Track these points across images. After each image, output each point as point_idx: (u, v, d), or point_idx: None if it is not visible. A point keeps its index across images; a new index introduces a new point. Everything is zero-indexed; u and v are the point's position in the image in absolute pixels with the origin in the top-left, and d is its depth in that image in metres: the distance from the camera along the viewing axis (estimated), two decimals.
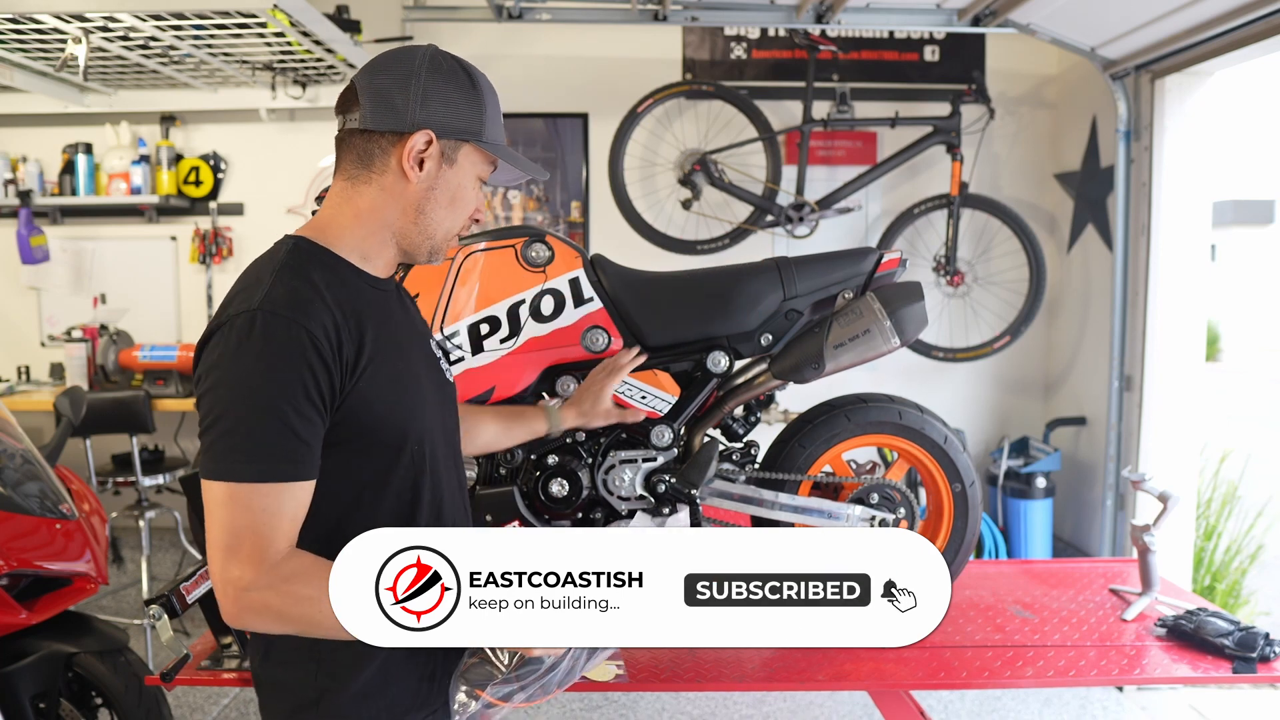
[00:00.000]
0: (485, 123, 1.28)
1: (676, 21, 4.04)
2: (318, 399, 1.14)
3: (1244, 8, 3.15)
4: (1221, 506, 4.47)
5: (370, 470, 1.24)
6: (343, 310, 1.19)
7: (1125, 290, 4.03)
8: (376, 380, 1.21)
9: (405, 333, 1.34)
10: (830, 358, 2.02)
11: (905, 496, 2.20)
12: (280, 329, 1.12)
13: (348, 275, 1.26)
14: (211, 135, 5.00)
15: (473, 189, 1.30)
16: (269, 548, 1.10)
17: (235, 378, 1.12)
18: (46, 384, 4.85)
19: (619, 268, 2.15)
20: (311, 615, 1.08)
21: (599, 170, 4.76)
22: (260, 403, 1.11)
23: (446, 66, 1.26)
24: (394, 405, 1.24)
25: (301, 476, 1.14)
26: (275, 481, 1.11)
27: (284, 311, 1.14)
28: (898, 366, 4.49)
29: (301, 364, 1.12)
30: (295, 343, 1.12)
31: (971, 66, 4.81)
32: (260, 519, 1.10)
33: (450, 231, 1.31)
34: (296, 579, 1.10)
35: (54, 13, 3.32)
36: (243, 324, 1.13)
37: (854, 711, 3.37)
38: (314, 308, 1.16)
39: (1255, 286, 20.03)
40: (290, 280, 1.18)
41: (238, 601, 1.10)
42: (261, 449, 1.11)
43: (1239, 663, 1.95)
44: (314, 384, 1.13)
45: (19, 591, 2.25)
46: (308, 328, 1.14)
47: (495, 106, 1.30)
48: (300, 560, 1.12)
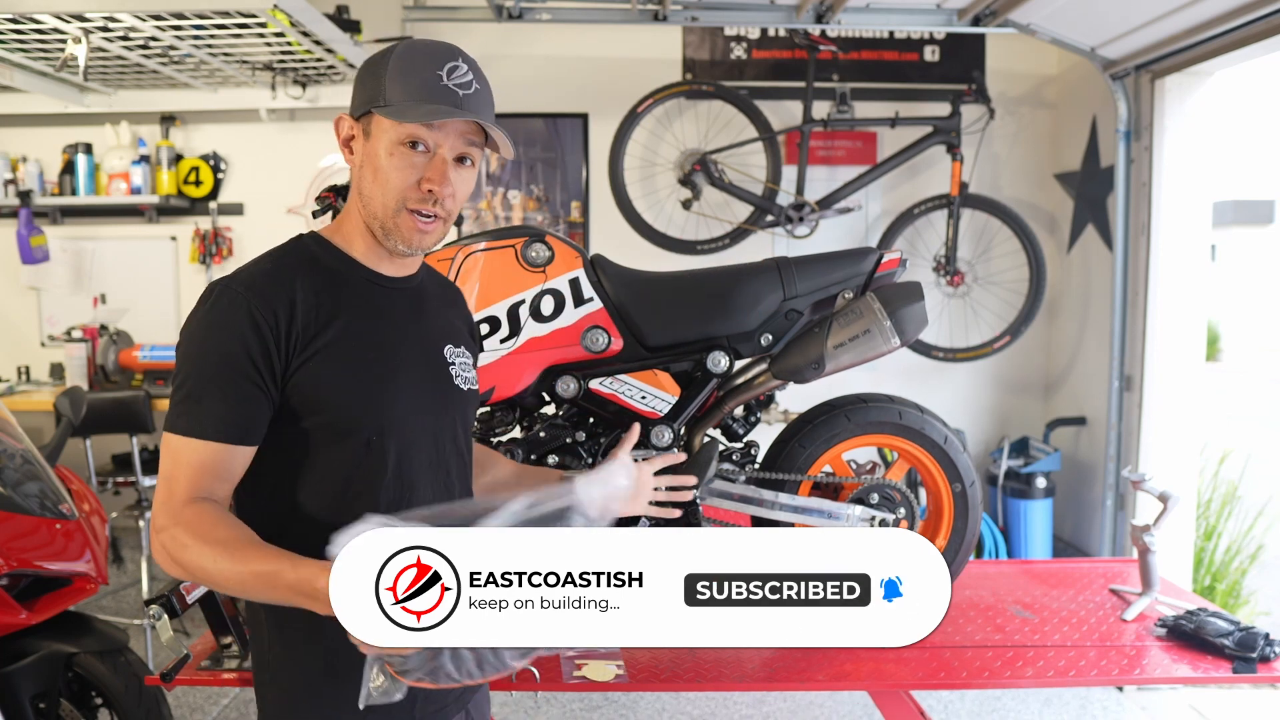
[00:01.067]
0: (385, 87, 1.26)
1: (676, 21, 4.04)
2: (254, 368, 1.20)
3: (1244, 8, 3.15)
4: (1221, 506, 4.47)
5: (316, 453, 1.27)
6: (311, 295, 1.26)
7: (1125, 290, 4.03)
8: (330, 362, 1.25)
9: (400, 331, 1.35)
10: (830, 358, 2.02)
11: (905, 496, 2.20)
12: (226, 301, 1.22)
13: (339, 267, 1.31)
14: (211, 135, 5.00)
15: (394, 156, 1.27)
16: (173, 495, 1.18)
17: (189, 342, 1.23)
18: (46, 384, 4.85)
19: (619, 268, 2.15)
20: (192, 562, 1.15)
21: (599, 170, 4.76)
22: (202, 365, 1.21)
23: (377, 56, 1.31)
24: (346, 391, 1.26)
25: (227, 438, 1.20)
26: (201, 438, 1.19)
27: (237, 287, 1.23)
28: (898, 366, 4.49)
29: (242, 333, 1.20)
30: (238, 314, 1.21)
31: (971, 66, 4.81)
32: (182, 470, 1.19)
33: (388, 205, 1.28)
34: (190, 527, 1.15)
35: (54, 13, 3.32)
36: (204, 295, 1.25)
37: (854, 711, 3.37)
38: (267, 287, 1.24)
39: (1255, 286, 20.03)
40: (264, 264, 1.28)
41: (154, 541, 1.19)
42: (186, 405, 1.20)
43: (1239, 663, 1.95)
44: (251, 353, 1.20)
45: (19, 591, 2.25)
46: (251, 302, 1.21)
47: (410, 68, 1.26)
48: (200, 510, 1.17)
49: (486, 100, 1.31)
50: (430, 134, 1.26)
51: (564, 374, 2.10)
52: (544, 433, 2.13)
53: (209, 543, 1.14)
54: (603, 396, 2.10)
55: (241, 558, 1.13)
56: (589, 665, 1.97)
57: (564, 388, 2.10)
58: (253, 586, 1.12)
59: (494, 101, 1.35)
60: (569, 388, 2.09)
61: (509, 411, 2.14)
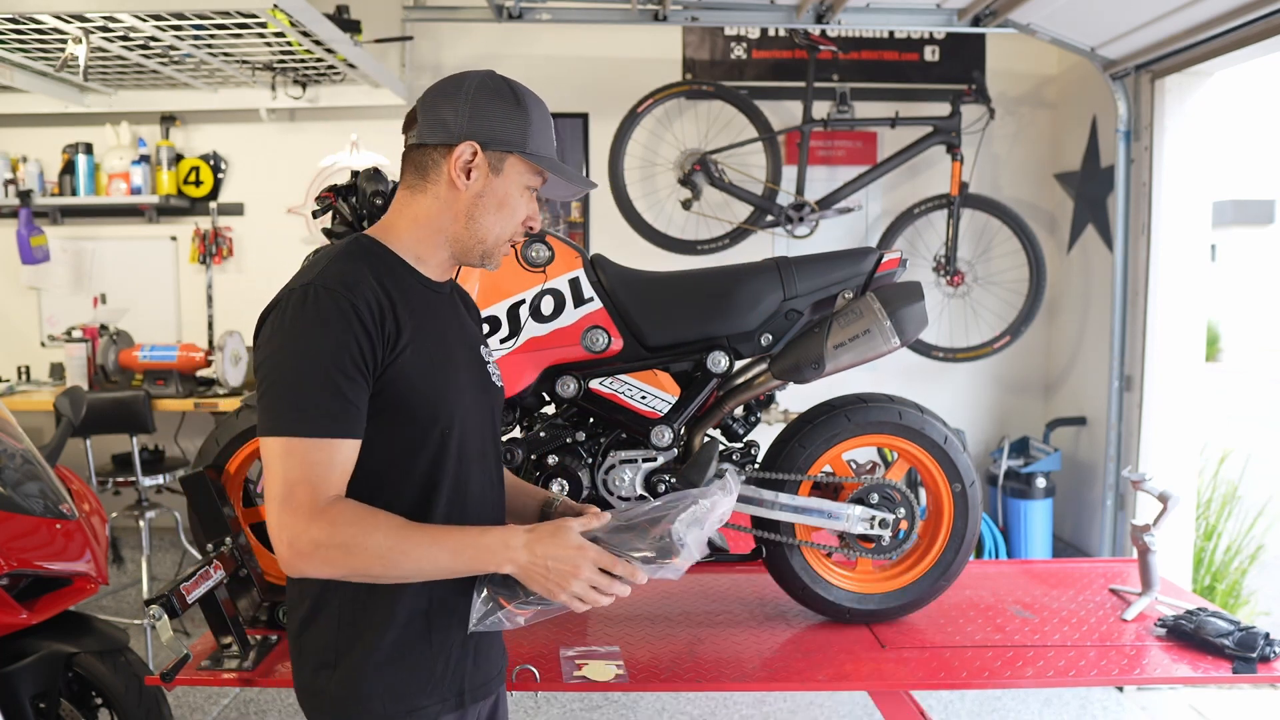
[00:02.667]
0: (530, 136, 1.38)
1: (676, 21, 4.04)
2: (362, 364, 1.26)
3: (1244, 8, 3.15)
4: (1221, 506, 4.47)
5: (400, 445, 1.33)
6: (388, 294, 1.32)
7: (1125, 290, 4.04)
8: (414, 360, 1.32)
9: (453, 330, 1.44)
10: (830, 358, 2.03)
11: (905, 496, 2.20)
12: (329, 301, 1.26)
13: (400, 270, 1.38)
14: (211, 135, 5.00)
15: (520, 197, 1.40)
16: (319, 497, 1.22)
17: (290, 343, 1.26)
18: (46, 384, 4.85)
19: (619, 268, 2.15)
20: (360, 545, 1.21)
21: (599, 170, 4.76)
22: (311, 365, 1.24)
23: (494, 86, 1.38)
24: (428, 386, 1.34)
25: (348, 434, 1.26)
26: (325, 437, 1.23)
27: (334, 286, 1.27)
28: (898, 366, 4.49)
29: (347, 331, 1.25)
30: (342, 313, 1.25)
31: (971, 66, 4.81)
32: (313, 472, 1.22)
33: (501, 236, 1.40)
34: (342, 519, 1.22)
35: (54, 13, 3.32)
36: (297, 298, 1.27)
37: (854, 711, 3.37)
38: (361, 286, 1.29)
39: (1255, 286, 20.03)
40: (343, 264, 1.33)
41: (292, 547, 1.21)
42: (313, 407, 1.23)
43: (1239, 663, 1.95)
44: (358, 350, 1.26)
45: (19, 591, 2.25)
46: (353, 300, 1.26)
47: (543, 122, 1.40)
48: (345, 504, 1.24)
49: None
50: (541, 184, 1.42)
51: (564, 374, 2.10)
52: (544, 433, 2.13)
53: (383, 526, 1.23)
54: (603, 396, 2.10)
55: (429, 533, 1.26)
56: (589, 665, 1.97)
57: (564, 388, 2.10)
58: (444, 561, 1.25)
59: None
60: (569, 388, 2.09)
61: (509, 411, 2.15)
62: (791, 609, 2.31)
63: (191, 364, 4.45)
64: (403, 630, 1.34)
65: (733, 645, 2.11)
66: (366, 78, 4.45)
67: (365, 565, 1.23)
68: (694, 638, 2.16)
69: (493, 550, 1.26)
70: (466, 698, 1.40)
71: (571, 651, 2.04)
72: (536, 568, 1.26)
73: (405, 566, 1.24)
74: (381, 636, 1.33)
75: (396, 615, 1.33)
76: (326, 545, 1.21)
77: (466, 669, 1.40)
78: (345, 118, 4.82)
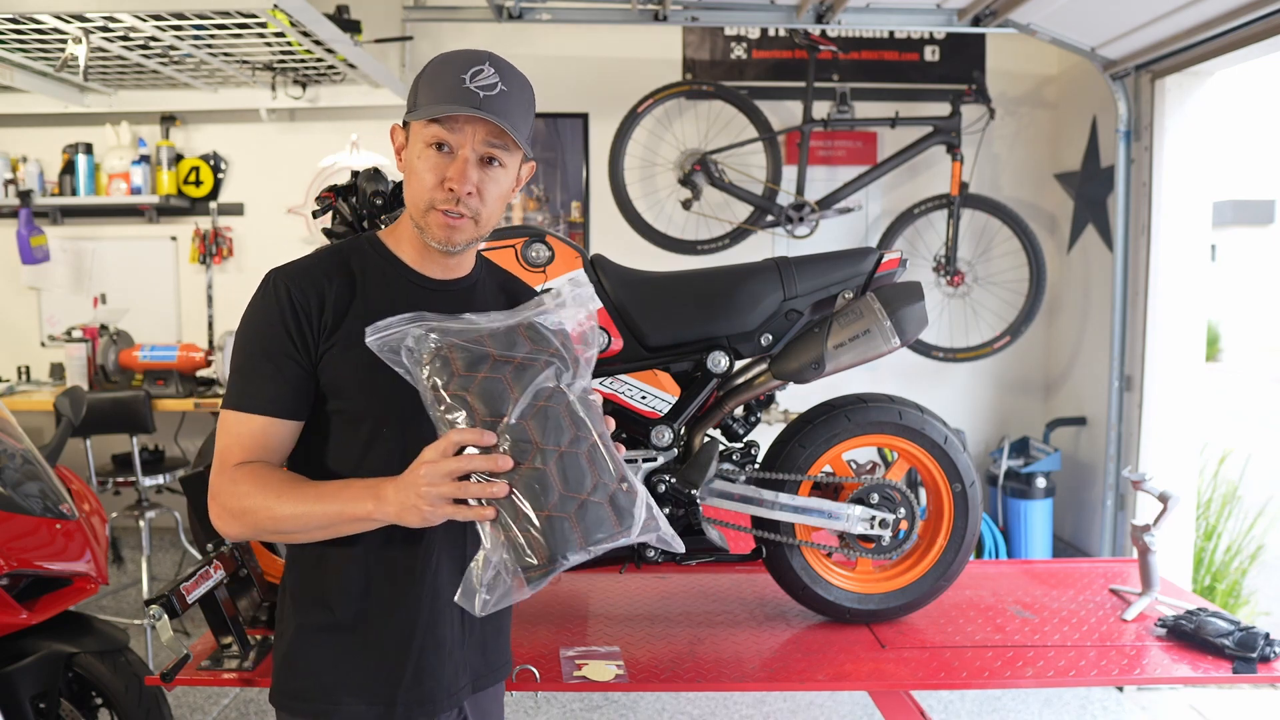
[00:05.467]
0: (419, 94, 1.35)
1: (676, 21, 4.04)
2: (291, 347, 1.32)
3: (1244, 8, 3.15)
4: (1221, 506, 4.47)
5: (334, 436, 1.37)
6: (345, 288, 1.36)
7: (1125, 290, 4.04)
8: (349, 354, 1.32)
9: None
10: (830, 358, 2.03)
11: (905, 496, 2.20)
12: (270, 288, 1.34)
13: (384, 268, 1.40)
14: (211, 135, 5.00)
15: (422, 158, 1.33)
16: (230, 462, 1.31)
17: (240, 326, 1.36)
18: (46, 384, 4.85)
19: (619, 268, 2.15)
20: (253, 506, 1.27)
21: (599, 170, 4.76)
22: (245, 346, 1.34)
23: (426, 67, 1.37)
24: (363, 383, 1.33)
25: (267, 411, 1.32)
26: (245, 411, 1.32)
27: (280, 274, 1.35)
28: (898, 366, 4.49)
29: (278, 317, 1.32)
30: (278, 300, 1.33)
31: (972, 66, 4.81)
32: (227, 441, 1.33)
33: (418, 203, 1.35)
34: (239, 479, 1.29)
35: (54, 13, 3.32)
36: (259, 285, 1.36)
37: (854, 711, 3.37)
38: (307, 274, 1.35)
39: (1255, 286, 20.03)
40: (311, 256, 1.41)
41: (210, 507, 1.31)
42: (239, 382, 1.33)
43: (1239, 663, 1.95)
44: (285, 334, 1.32)
45: (19, 591, 2.24)
46: (290, 288, 1.33)
47: (439, 74, 1.33)
48: (248, 467, 1.30)
49: (517, 102, 1.34)
50: (451, 135, 1.31)
51: None
52: None
53: (267, 484, 1.27)
54: (603, 396, 2.10)
55: (305, 487, 1.27)
56: (589, 665, 1.97)
57: None
58: (316, 509, 1.25)
59: (532, 104, 1.39)
60: None
61: None
62: (791, 609, 2.31)
63: (191, 364, 4.45)
64: (336, 614, 1.37)
65: (733, 645, 2.11)
66: (366, 78, 4.45)
67: (256, 521, 1.28)
68: (694, 638, 2.16)
69: (357, 493, 1.24)
70: (399, 711, 1.36)
71: (571, 651, 2.04)
72: (398, 497, 1.19)
73: (286, 518, 1.26)
74: (320, 614, 1.37)
75: (332, 598, 1.37)
76: (224, 504, 1.29)
77: (403, 679, 1.37)
78: (345, 118, 4.82)
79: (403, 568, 1.37)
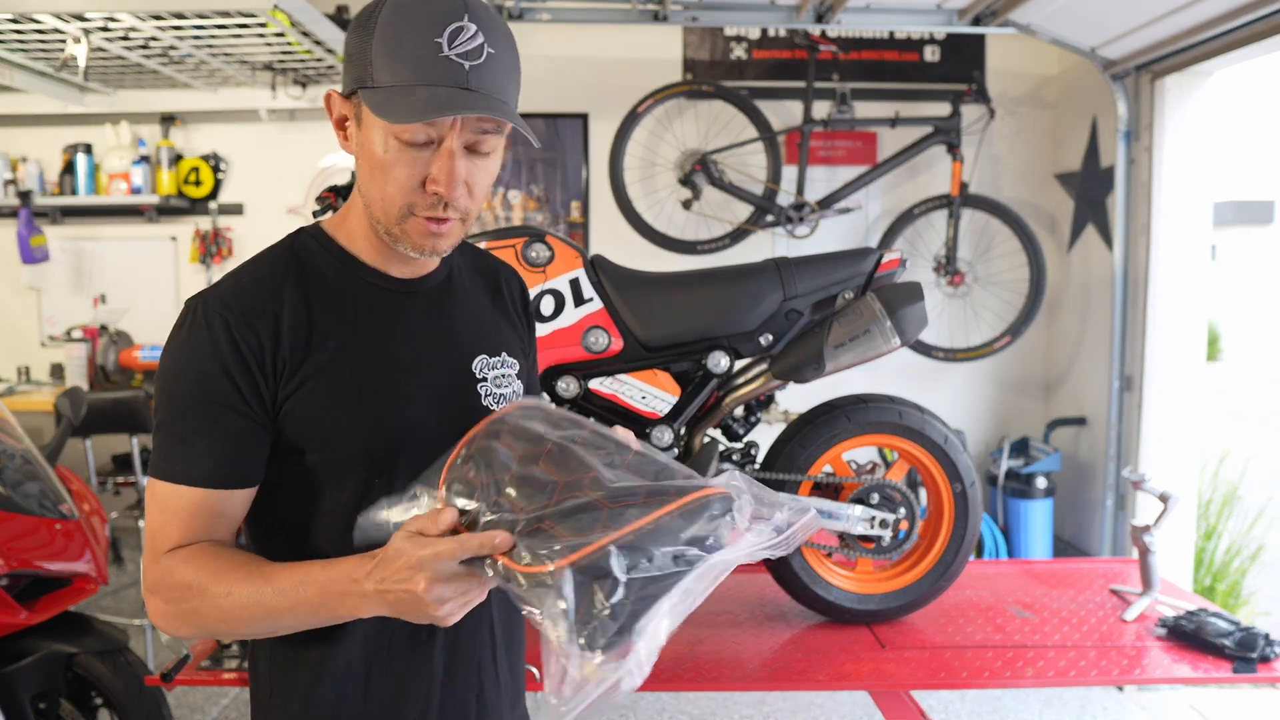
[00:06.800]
0: (373, 60, 1.00)
1: (676, 21, 4.04)
2: (238, 399, 1.03)
3: (1244, 8, 3.15)
4: (1222, 507, 4.47)
5: (319, 492, 1.09)
6: (301, 308, 1.07)
7: (1125, 290, 4.03)
8: (325, 392, 1.06)
9: (413, 344, 1.13)
10: (830, 358, 2.03)
11: (905, 496, 2.20)
12: (203, 320, 1.04)
13: (345, 271, 1.13)
14: (211, 135, 5.00)
15: (390, 150, 1.02)
16: (159, 546, 1.04)
17: (163, 368, 1.07)
18: (46, 384, 4.85)
19: (619, 268, 2.15)
20: (200, 607, 1.01)
21: (599, 170, 4.76)
22: (176, 397, 1.05)
23: (365, 11, 1.04)
24: (346, 426, 1.07)
25: (199, 481, 1.04)
26: (174, 482, 1.04)
27: (214, 304, 1.05)
28: (898, 366, 4.49)
29: (216, 361, 1.03)
30: (214, 338, 1.03)
31: (972, 67, 4.81)
32: (160, 519, 1.05)
33: (390, 210, 1.06)
34: (179, 569, 1.02)
35: (54, 13, 3.32)
36: (182, 313, 1.07)
37: (854, 711, 3.37)
38: (250, 302, 1.05)
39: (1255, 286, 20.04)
40: (246, 273, 1.10)
41: (147, 602, 1.05)
42: (171, 446, 1.05)
43: (1239, 663, 1.95)
44: (231, 383, 1.03)
45: (19, 591, 2.25)
46: (227, 319, 1.03)
47: (402, 36, 0.99)
48: (189, 549, 1.03)
49: (506, 66, 1.03)
50: (432, 129, 1.01)
51: (564, 374, 2.10)
52: None
53: (214, 575, 1.00)
54: (603, 397, 2.10)
55: (260, 576, 0.99)
56: None
57: (564, 388, 2.10)
58: (275, 606, 0.98)
59: (517, 59, 1.06)
60: (569, 388, 2.09)
61: None
62: (791, 609, 2.31)
63: None
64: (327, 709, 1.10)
65: (733, 645, 2.11)
66: None
67: (205, 624, 1.02)
68: (694, 638, 2.16)
69: (341, 588, 0.96)
70: None
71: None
72: (390, 599, 0.93)
73: (250, 620, 1.00)
74: (318, 690, 1.10)
75: (314, 693, 1.09)
76: (164, 600, 1.02)
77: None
78: None
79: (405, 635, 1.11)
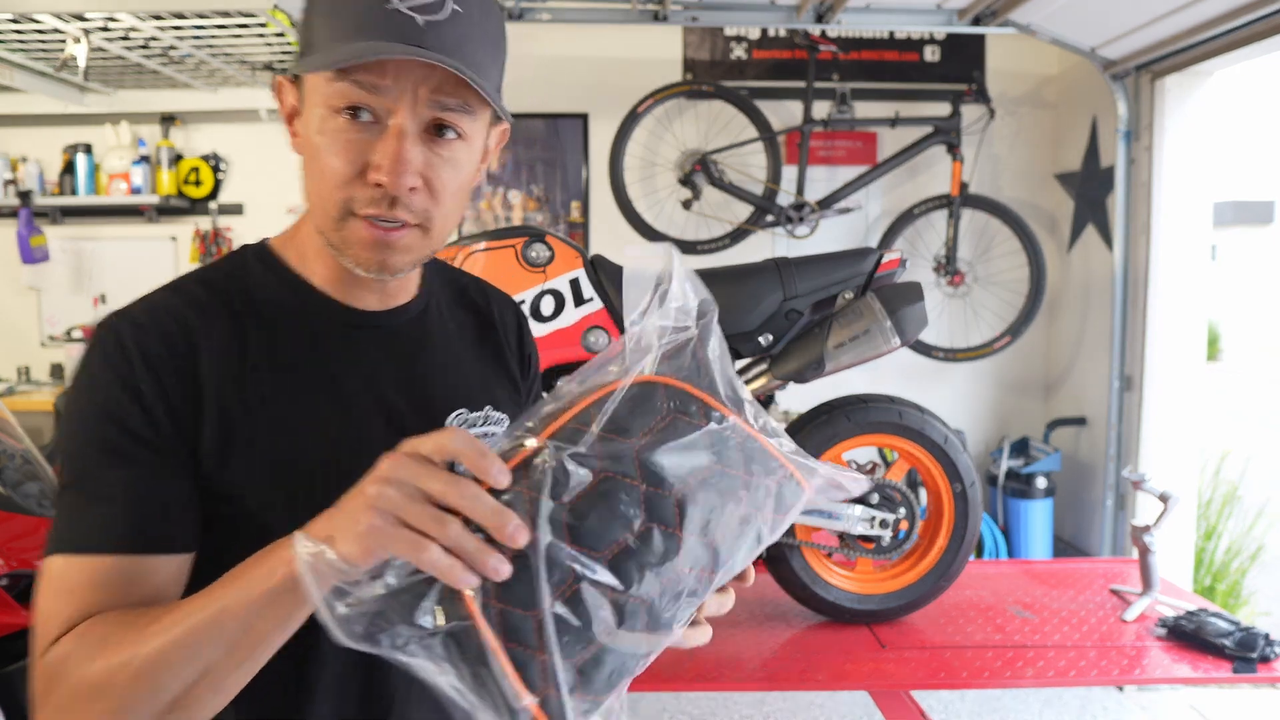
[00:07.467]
0: (316, 27, 0.82)
1: (676, 21, 4.04)
2: (151, 432, 0.82)
3: (1244, 8, 3.15)
4: (1222, 507, 4.47)
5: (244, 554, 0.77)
6: (235, 335, 0.87)
7: (1125, 290, 4.04)
8: (252, 452, 0.85)
9: (373, 394, 0.92)
10: (830, 358, 2.03)
11: (905, 496, 2.20)
12: (112, 350, 0.84)
13: (292, 301, 0.91)
14: (211, 135, 5.00)
15: (328, 132, 0.82)
16: (48, 637, 0.82)
17: (65, 404, 0.85)
18: (46, 384, 4.86)
19: (619, 268, 2.15)
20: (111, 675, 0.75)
21: (599, 170, 4.76)
22: (78, 444, 0.83)
23: None
24: (273, 493, 0.85)
25: (104, 546, 0.79)
26: (73, 554, 0.80)
27: (125, 331, 0.86)
28: (898, 366, 4.49)
29: (123, 397, 0.82)
30: (120, 371, 0.83)
31: (972, 67, 4.81)
32: (54, 604, 0.81)
33: (327, 209, 0.84)
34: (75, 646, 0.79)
35: (54, 13, 3.32)
36: (91, 338, 0.88)
37: (854, 711, 3.37)
38: (167, 319, 0.86)
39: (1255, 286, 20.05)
40: (168, 294, 0.89)
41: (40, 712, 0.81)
42: (65, 513, 0.82)
43: (1239, 663, 1.95)
44: (147, 420, 0.82)
45: (19, 592, 2.25)
46: (137, 340, 0.84)
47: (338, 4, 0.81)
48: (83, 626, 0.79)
49: (479, 29, 0.82)
50: (373, 95, 0.80)
51: (565, 374, 2.10)
52: None
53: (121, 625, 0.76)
54: None
55: (180, 611, 0.74)
56: None
57: None
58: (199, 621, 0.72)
59: (500, 35, 0.88)
60: None
61: None
62: (791, 609, 2.31)
63: None
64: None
65: (733, 645, 2.11)
66: None
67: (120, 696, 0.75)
68: None
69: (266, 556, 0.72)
70: None
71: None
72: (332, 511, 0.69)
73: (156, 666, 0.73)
74: None
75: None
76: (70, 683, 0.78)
77: None
78: None
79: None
